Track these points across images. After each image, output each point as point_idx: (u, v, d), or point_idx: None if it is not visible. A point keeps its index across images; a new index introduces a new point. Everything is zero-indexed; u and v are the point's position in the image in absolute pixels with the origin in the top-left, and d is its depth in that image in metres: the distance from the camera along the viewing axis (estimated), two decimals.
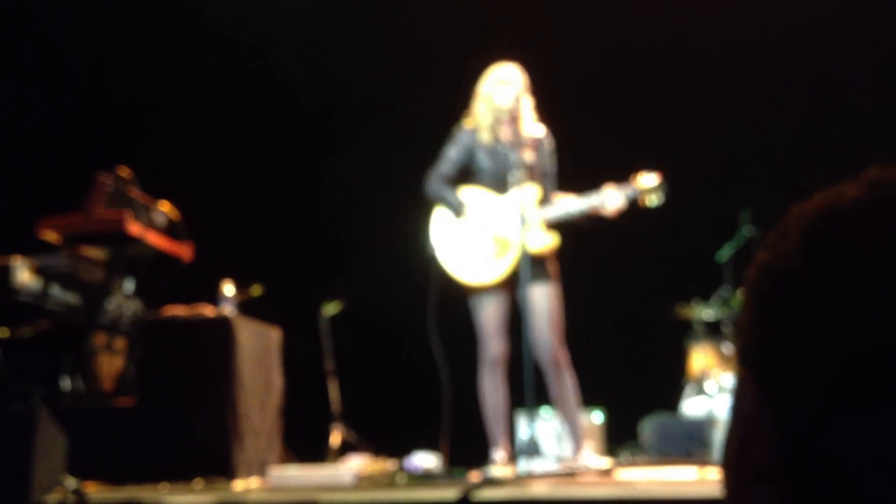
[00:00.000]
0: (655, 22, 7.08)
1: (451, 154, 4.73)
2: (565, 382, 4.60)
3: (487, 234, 4.67)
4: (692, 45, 6.98)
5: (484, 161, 4.68)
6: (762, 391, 0.67)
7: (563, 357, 4.61)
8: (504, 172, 4.60)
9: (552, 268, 4.68)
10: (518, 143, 4.61)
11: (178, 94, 7.34)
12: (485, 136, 4.69)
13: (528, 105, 4.71)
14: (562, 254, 4.74)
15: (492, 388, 4.67)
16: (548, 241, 4.64)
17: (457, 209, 4.69)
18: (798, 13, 6.77)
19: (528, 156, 4.60)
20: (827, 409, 0.63)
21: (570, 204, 4.63)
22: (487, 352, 4.67)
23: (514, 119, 4.66)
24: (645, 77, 7.02)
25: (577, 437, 4.66)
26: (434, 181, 4.73)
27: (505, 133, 4.67)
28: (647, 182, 4.57)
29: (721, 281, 6.31)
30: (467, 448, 4.97)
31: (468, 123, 4.75)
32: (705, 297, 6.37)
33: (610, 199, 4.55)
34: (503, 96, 4.64)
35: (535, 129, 4.73)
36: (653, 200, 4.58)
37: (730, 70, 6.94)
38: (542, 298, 4.60)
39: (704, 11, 6.94)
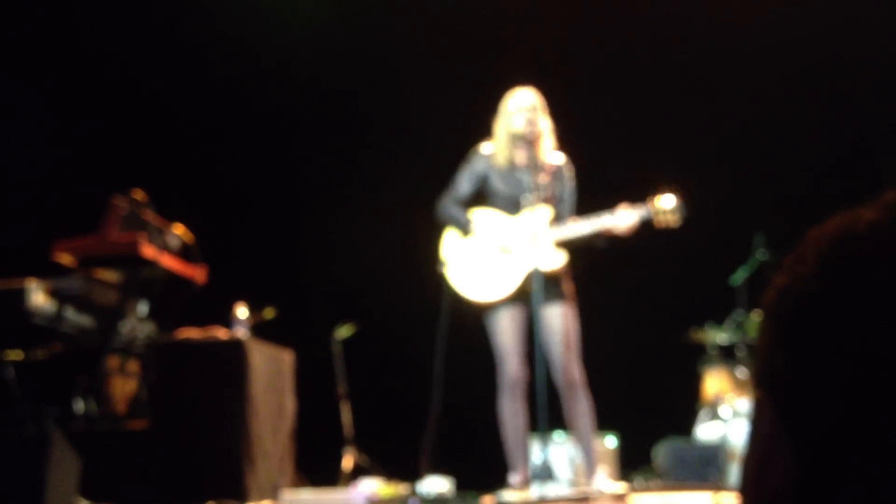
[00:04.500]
0: (668, 45, 7.10)
1: (464, 177, 4.77)
2: (580, 404, 4.54)
3: (498, 253, 4.66)
4: (706, 68, 6.99)
5: (498, 184, 4.68)
6: (780, 414, 0.67)
7: (579, 378, 4.55)
8: (517, 195, 4.60)
9: (567, 288, 4.66)
10: (534, 166, 4.61)
11: (192, 117, 7.39)
12: (500, 160, 4.70)
13: (546, 129, 4.71)
14: (575, 277, 4.71)
15: (511, 413, 4.60)
16: (559, 261, 4.61)
17: (464, 227, 4.71)
18: (811, 36, 6.77)
19: (543, 179, 4.60)
20: (844, 431, 0.63)
21: (581, 223, 4.60)
22: (505, 373, 4.62)
23: (531, 143, 4.67)
24: (658, 100, 7.03)
25: (590, 460, 4.60)
26: (444, 203, 4.77)
27: (520, 157, 4.68)
28: (664, 203, 4.51)
29: (735, 305, 6.28)
30: (482, 471, 4.95)
31: (485, 147, 4.77)
32: (719, 320, 6.33)
33: (622, 219, 4.50)
34: (519, 122, 4.64)
35: (553, 156, 4.74)
36: (670, 222, 4.51)
37: (744, 93, 6.93)
38: (557, 318, 4.58)
39: (716, 35, 6.95)
